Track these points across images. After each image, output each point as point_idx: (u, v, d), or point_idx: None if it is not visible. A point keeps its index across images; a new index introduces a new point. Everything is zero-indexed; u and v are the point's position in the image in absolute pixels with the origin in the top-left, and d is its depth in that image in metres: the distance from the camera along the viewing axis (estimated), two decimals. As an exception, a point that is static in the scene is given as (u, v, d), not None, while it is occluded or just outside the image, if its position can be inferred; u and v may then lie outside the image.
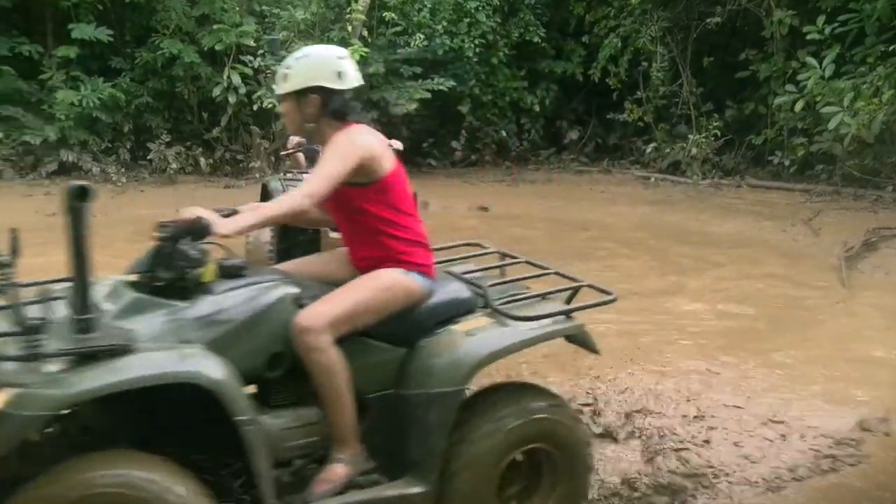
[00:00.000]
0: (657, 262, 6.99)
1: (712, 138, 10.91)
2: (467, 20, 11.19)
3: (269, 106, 10.44)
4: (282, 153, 7.03)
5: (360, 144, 2.63)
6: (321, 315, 2.49)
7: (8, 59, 10.40)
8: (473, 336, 2.66)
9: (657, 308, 5.72)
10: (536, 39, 11.80)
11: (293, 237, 5.69)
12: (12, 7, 10.54)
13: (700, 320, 5.57)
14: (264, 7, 11.21)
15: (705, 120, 11.17)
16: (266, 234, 5.39)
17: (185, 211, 2.43)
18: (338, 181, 2.56)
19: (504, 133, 12.47)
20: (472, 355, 2.61)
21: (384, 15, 10.60)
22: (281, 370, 2.52)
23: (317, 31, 10.77)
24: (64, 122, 10.41)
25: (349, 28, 10.34)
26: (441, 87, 10.93)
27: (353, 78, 2.73)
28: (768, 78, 10.55)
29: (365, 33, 10.63)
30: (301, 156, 6.07)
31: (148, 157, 11.00)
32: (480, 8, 11.16)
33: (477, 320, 2.72)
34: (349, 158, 2.58)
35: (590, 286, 2.92)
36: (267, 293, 2.51)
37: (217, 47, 10.62)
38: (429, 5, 11.07)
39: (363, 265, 2.73)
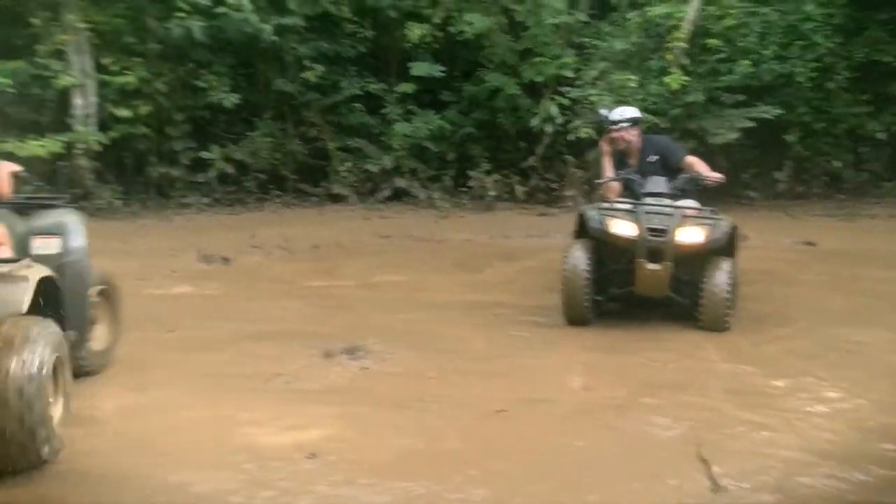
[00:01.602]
0: None
1: None
2: (801, 43, 10.38)
3: (585, 136, 10.59)
4: (597, 182, 7.06)
5: None
6: None
7: (359, 97, 11.82)
8: None
9: None
10: (888, 59, 10.53)
11: (608, 266, 5.68)
12: (367, 52, 11.96)
13: None
14: (584, 39, 11.42)
15: None
16: (583, 263, 5.42)
17: None
18: None
19: (838, 163, 11.32)
20: None
21: (707, 42, 10.23)
22: None
23: (635, 61, 10.72)
24: (398, 152, 11.55)
25: (669, 57, 10.14)
26: (766, 116, 10.25)
27: None
28: None
29: (685, 61, 10.35)
30: (617, 184, 6.04)
31: (468, 185, 11.73)
32: (818, 28, 10.28)
33: None
34: None
35: None
36: None
37: (537, 79, 11.05)
38: (758, 30, 10.46)
39: None
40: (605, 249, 5.54)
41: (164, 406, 3.88)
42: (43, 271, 3.38)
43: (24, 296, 3.21)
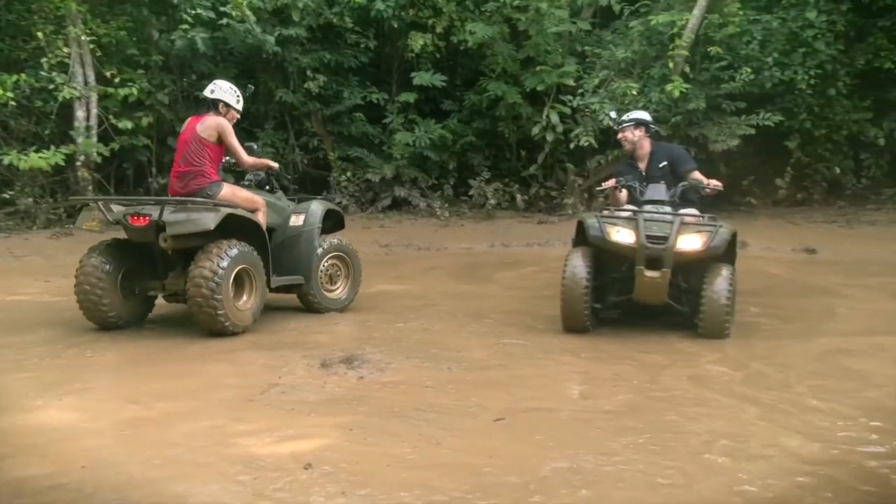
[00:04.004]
0: None
1: None
2: (802, 50, 10.38)
3: (586, 144, 10.61)
4: (597, 189, 7.06)
5: None
6: None
7: (360, 107, 11.86)
8: None
9: None
10: (889, 65, 10.50)
11: (608, 274, 5.65)
12: (368, 62, 12.01)
13: None
14: (586, 47, 11.46)
15: None
16: (583, 271, 5.38)
17: None
18: None
19: (838, 170, 11.29)
20: None
21: (709, 50, 10.25)
22: None
23: (637, 69, 10.74)
24: (399, 161, 11.57)
25: (671, 65, 10.15)
26: (767, 123, 10.27)
27: None
28: None
29: (687, 69, 10.37)
30: (623, 194, 5.98)
31: (469, 193, 11.76)
32: (820, 36, 10.27)
33: None
34: None
35: None
36: None
37: (539, 88, 11.07)
38: (759, 37, 10.48)
39: None
40: (604, 257, 5.51)
41: (160, 418, 3.88)
42: (226, 212, 5.31)
43: (213, 221, 5.17)
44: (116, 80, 10.38)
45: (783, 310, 6.23)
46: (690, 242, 5.23)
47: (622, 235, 5.31)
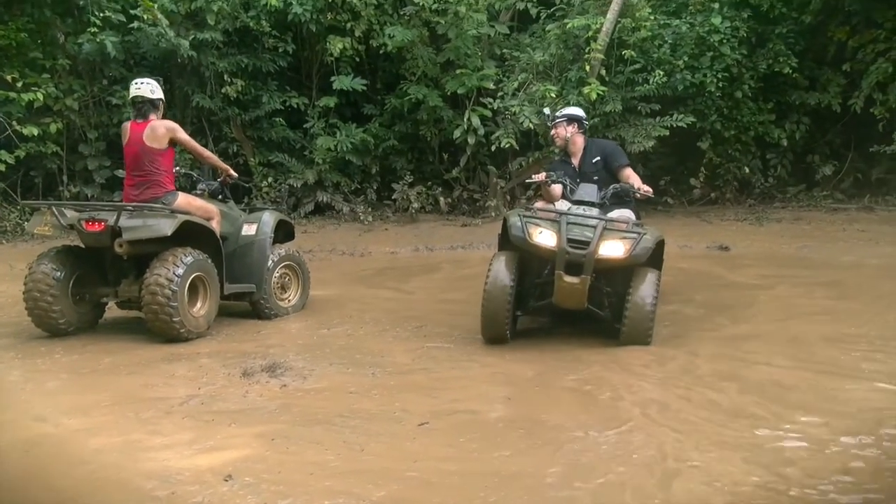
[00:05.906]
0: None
1: None
2: (710, 54, 10.78)
3: (507, 146, 10.73)
4: (527, 180, 7.03)
5: None
6: None
7: (280, 111, 11.68)
8: None
9: None
10: (787, 70, 11.04)
11: (530, 281, 5.56)
12: (287, 66, 11.83)
13: None
14: (504, 51, 11.59)
15: None
16: (507, 279, 5.21)
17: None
18: None
19: (747, 169, 11.77)
20: None
21: (623, 53, 10.51)
22: None
23: (555, 72, 10.92)
24: (321, 166, 11.45)
25: (587, 67, 10.36)
26: (680, 124, 10.60)
27: None
28: None
29: (603, 72, 10.60)
30: (557, 188, 5.77)
31: (392, 197, 11.74)
32: (725, 41, 10.69)
33: None
34: None
35: None
36: None
37: (459, 91, 11.13)
38: (669, 41, 10.83)
39: None
40: (528, 260, 5.27)
41: (69, 436, 3.71)
42: (183, 219, 5.41)
43: (170, 227, 5.25)
44: (19, 84, 9.93)
45: (698, 303, 6.42)
46: (612, 249, 4.99)
47: (544, 237, 5.04)
